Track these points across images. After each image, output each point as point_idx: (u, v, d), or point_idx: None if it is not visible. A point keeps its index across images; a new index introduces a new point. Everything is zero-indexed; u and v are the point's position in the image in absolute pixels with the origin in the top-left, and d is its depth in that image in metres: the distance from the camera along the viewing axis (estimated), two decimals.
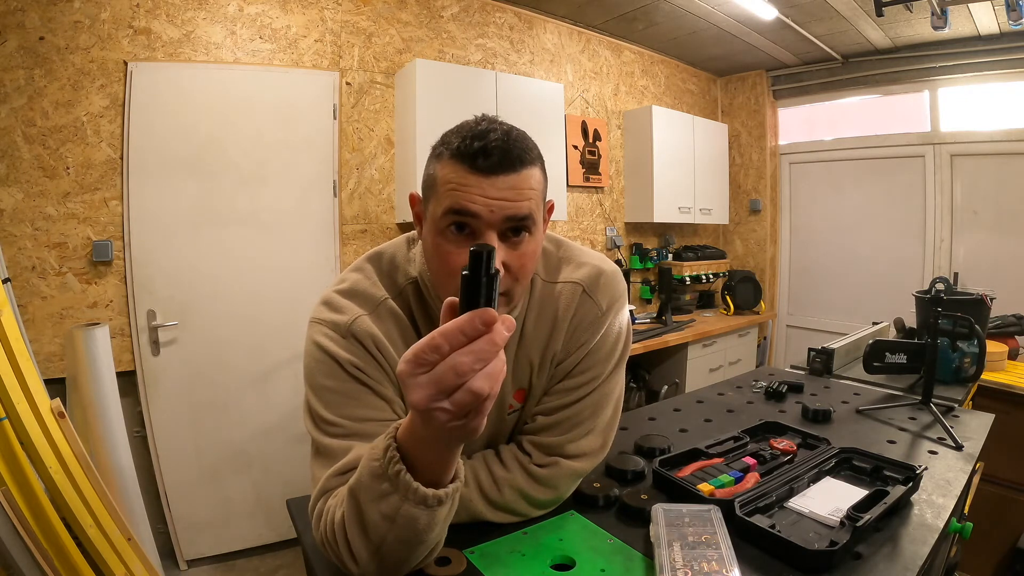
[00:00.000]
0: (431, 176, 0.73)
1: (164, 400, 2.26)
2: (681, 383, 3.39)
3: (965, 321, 1.51)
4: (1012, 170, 3.32)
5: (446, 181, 0.70)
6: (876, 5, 2.55)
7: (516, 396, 0.90)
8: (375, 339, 0.77)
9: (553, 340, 0.87)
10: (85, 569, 1.52)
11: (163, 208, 2.22)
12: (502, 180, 0.69)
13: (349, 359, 0.75)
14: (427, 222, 0.75)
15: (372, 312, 0.79)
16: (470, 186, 0.68)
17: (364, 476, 0.61)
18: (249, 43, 2.38)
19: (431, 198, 0.73)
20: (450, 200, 0.69)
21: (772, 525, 0.79)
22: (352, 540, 0.64)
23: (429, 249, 0.75)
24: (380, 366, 0.77)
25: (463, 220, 0.69)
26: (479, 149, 0.68)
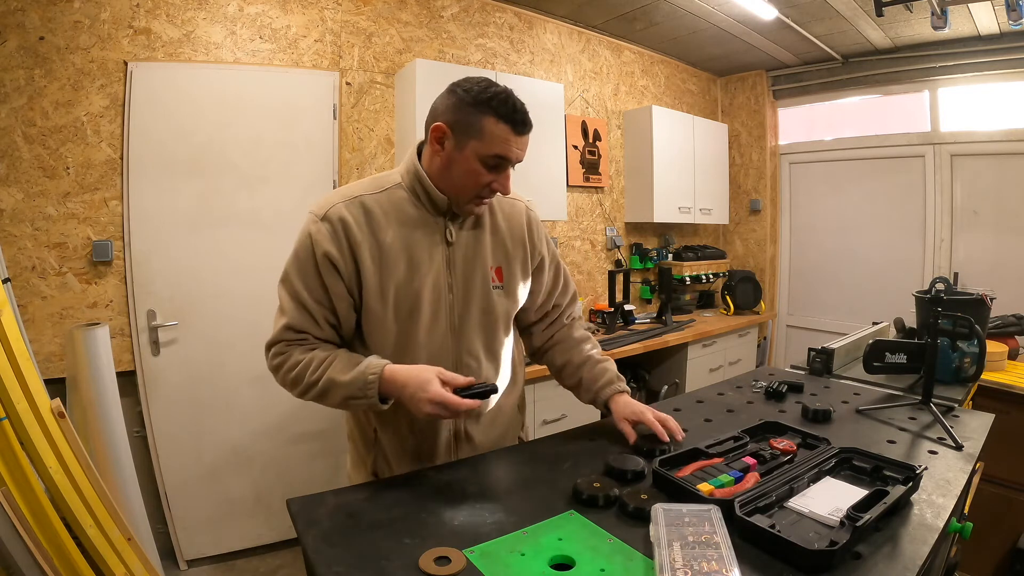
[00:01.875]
0: (475, 125, 1.01)
1: (164, 400, 2.26)
2: (681, 383, 3.39)
3: (965, 321, 1.51)
4: (1012, 170, 3.32)
5: (494, 135, 1.01)
6: (876, 5, 2.56)
7: (496, 272, 1.16)
8: (343, 220, 1.05)
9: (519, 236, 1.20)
10: (85, 569, 1.52)
11: (163, 208, 2.22)
12: (525, 139, 1.05)
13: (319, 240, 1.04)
14: (462, 153, 1.03)
15: (344, 203, 1.07)
16: (511, 142, 1.02)
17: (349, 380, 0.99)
18: (249, 43, 2.38)
19: (472, 138, 1.01)
20: (499, 149, 1.02)
21: (772, 525, 0.79)
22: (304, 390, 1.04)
23: (461, 170, 1.04)
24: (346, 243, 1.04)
25: (500, 161, 1.03)
26: (520, 120, 1.02)
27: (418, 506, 0.91)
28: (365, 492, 0.97)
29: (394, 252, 1.06)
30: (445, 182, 1.07)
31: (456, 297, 1.12)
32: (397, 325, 1.08)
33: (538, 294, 1.26)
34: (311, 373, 1.02)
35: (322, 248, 1.03)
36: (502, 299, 1.17)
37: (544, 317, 1.31)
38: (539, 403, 2.54)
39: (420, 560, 0.75)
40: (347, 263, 1.04)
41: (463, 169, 1.03)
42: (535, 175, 2.97)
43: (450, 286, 1.11)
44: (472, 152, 1.02)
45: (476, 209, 1.10)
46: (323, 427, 2.64)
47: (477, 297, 1.13)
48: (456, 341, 1.12)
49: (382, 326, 1.08)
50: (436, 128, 1.04)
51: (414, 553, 0.77)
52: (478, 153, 1.02)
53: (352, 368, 1.00)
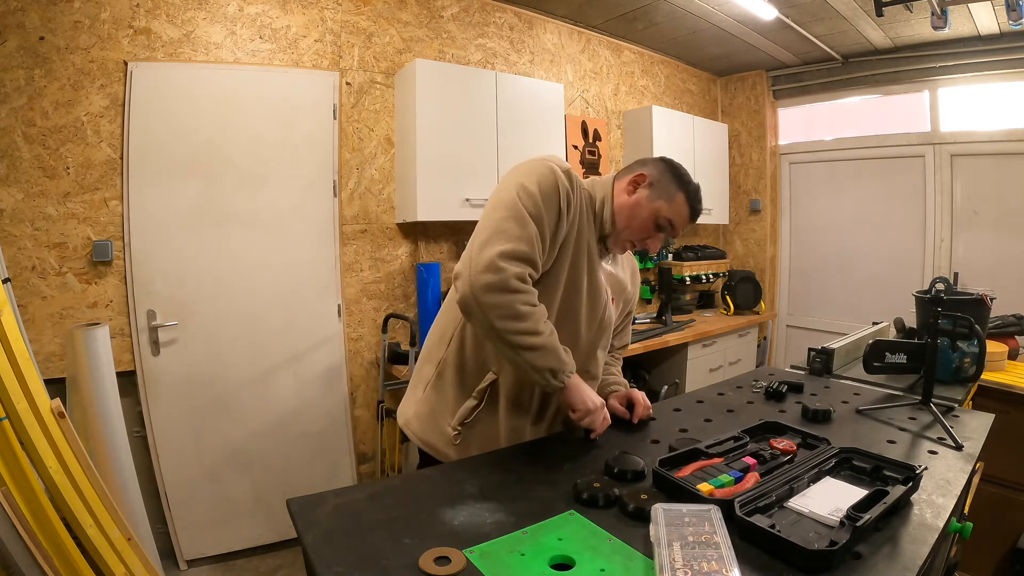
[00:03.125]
0: (669, 191, 1.23)
1: (164, 400, 2.26)
2: (681, 383, 3.39)
3: (965, 321, 1.51)
4: (1012, 170, 3.32)
5: (677, 208, 1.23)
6: (876, 5, 2.56)
7: (612, 302, 1.33)
8: (578, 181, 1.19)
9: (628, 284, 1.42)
10: (85, 569, 1.52)
11: (163, 208, 2.22)
12: (689, 225, 1.28)
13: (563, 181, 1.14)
14: (647, 203, 1.22)
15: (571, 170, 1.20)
16: (683, 219, 1.25)
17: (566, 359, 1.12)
18: (249, 43, 2.38)
19: (660, 197, 1.22)
20: (673, 217, 1.23)
21: (772, 525, 0.79)
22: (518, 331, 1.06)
23: (638, 217, 1.22)
24: (568, 198, 1.15)
25: (667, 227, 1.24)
26: (699, 211, 1.28)
27: (418, 506, 0.91)
28: (365, 492, 0.97)
29: (583, 237, 1.20)
30: (622, 218, 1.23)
31: (604, 299, 1.28)
32: (563, 299, 1.19)
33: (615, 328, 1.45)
34: (539, 323, 1.08)
35: (565, 187, 1.13)
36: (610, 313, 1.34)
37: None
38: None
39: (420, 560, 0.75)
40: (571, 214, 1.16)
41: (641, 217, 1.22)
42: None
43: (606, 290, 1.28)
44: (654, 208, 1.21)
45: (621, 250, 1.30)
46: (323, 427, 2.64)
47: (610, 308, 1.31)
48: (594, 334, 1.28)
49: (550, 293, 1.17)
50: (640, 176, 1.24)
51: (414, 553, 0.77)
52: (657, 212, 1.21)
53: (565, 353, 1.13)
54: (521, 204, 1.09)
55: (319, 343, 2.60)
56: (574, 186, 1.17)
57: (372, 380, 2.78)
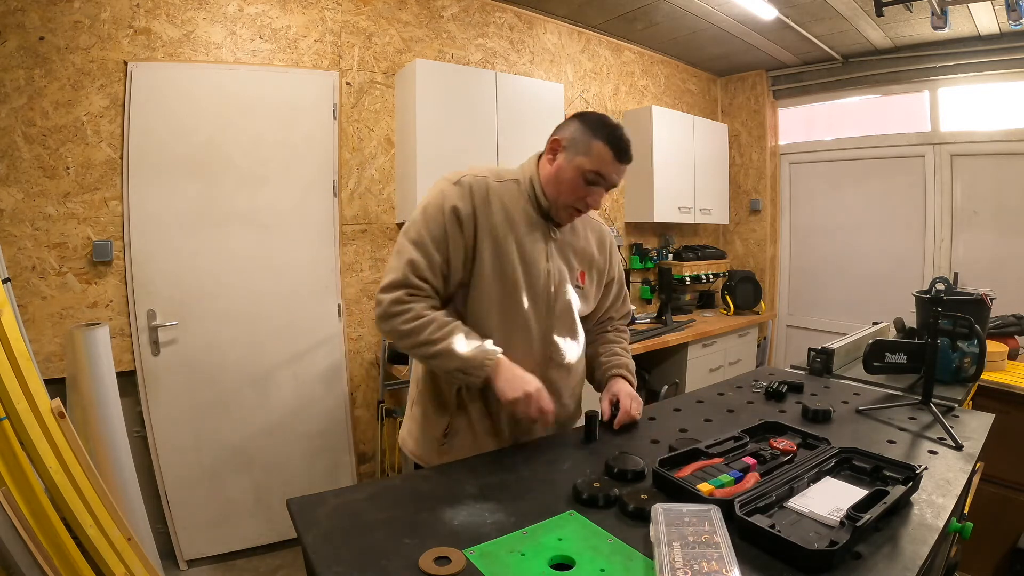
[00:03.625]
0: (585, 143, 1.18)
1: (164, 400, 2.26)
2: (681, 383, 3.39)
3: (965, 321, 1.51)
4: (1012, 170, 3.32)
5: (598, 156, 1.17)
6: (876, 5, 2.56)
7: (580, 276, 1.33)
8: (472, 187, 1.20)
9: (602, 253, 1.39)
10: (85, 569, 1.52)
11: (163, 208, 2.22)
12: (622, 168, 1.20)
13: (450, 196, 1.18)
14: (569, 165, 1.19)
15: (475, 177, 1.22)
16: (610, 165, 1.18)
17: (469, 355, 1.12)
18: (249, 43, 2.38)
19: (579, 153, 1.18)
20: (599, 167, 1.18)
21: (772, 525, 0.79)
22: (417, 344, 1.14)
23: (565, 180, 1.20)
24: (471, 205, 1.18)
25: (597, 179, 1.19)
26: (624, 148, 1.18)
27: (418, 506, 0.91)
28: (365, 492, 0.97)
29: (505, 233, 1.21)
30: (550, 187, 1.23)
31: (553, 284, 1.27)
32: (500, 297, 1.21)
33: (603, 307, 1.46)
34: (432, 332, 1.13)
35: (451, 202, 1.17)
36: (581, 298, 1.34)
37: (598, 323, 1.50)
38: None
39: (420, 560, 0.75)
40: (469, 222, 1.18)
41: (567, 179, 1.20)
42: None
43: (549, 273, 1.26)
44: (577, 166, 1.18)
45: (568, 218, 1.26)
46: (323, 427, 2.64)
47: (566, 290, 1.29)
48: (548, 321, 1.27)
49: (488, 295, 1.21)
50: (554, 141, 1.22)
51: (414, 553, 0.77)
52: (581, 168, 1.18)
53: (472, 346, 1.13)
54: (405, 237, 1.19)
55: (319, 343, 2.60)
56: (470, 192, 1.19)
57: (372, 380, 2.78)
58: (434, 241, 1.17)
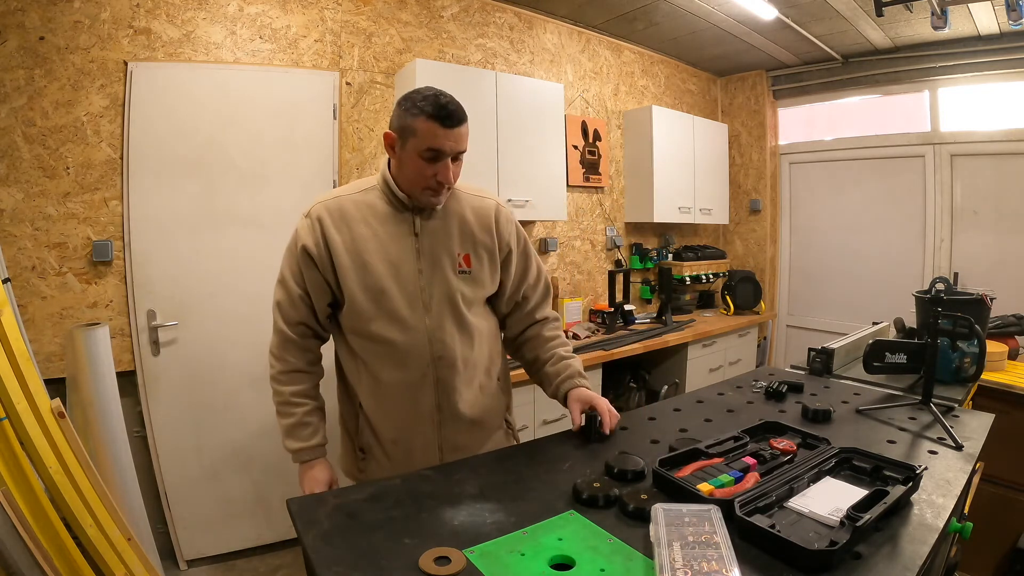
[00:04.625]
0: (410, 126, 1.15)
1: (164, 400, 2.26)
2: (681, 383, 3.39)
3: (965, 321, 1.51)
4: (1012, 170, 3.32)
5: (425, 131, 1.14)
6: (876, 5, 2.56)
7: (464, 259, 1.29)
8: (320, 218, 1.23)
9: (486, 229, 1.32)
10: (85, 569, 1.52)
11: (163, 208, 2.22)
12: (456, 131, 1.16)
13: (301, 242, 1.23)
14: (406, 152, 1.18)
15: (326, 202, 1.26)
16: (439, 135, 1.14)
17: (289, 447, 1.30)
18: (249, 43, 2.38)
19: (412, 136, 1.15)
20: (430, 142, 1.14)
21: (772, 525, 0.79)
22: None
23: (409, 167, 1.19)
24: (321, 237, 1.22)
25: (435, 154, 1.16)
26: (445, 115, 1.13)
27: (418, 506, 0.91)
28: (365, 492, 0.97)
29: (367, 243, 1.22)
30: (402, 180, 1.23)
31: (425, 279, 1.25)
32: (373, 306, 1.22)
33: (507, 284, 1.38)
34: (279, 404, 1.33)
35: (301, 242, 1.23)
36: (469, 283, 1.30)
37: (515, 309, 1.42)
38: (539, 403, 2.54)
39: (420, 560, 0.75)
40: (321, 254, 1.22)
41: (409, 166, 1.19)
42: (535, 175, 2.97)
43: (420, 271, 1.25)
44: (412, 150, 1.17)
45: (432, 199, 1.22)
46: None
47: (445, 280, 1.26)
48: (429, 319, 1.25)
49: (361, 308, 1.22)
50: (386, 136, 1.21)
51: (414, 553, 0.77)
52: (417, 150, 1.16)
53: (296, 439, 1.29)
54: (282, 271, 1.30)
55: None
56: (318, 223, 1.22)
57: None
58: (293, 277, 1.26)
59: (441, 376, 1.25)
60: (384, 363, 1.24)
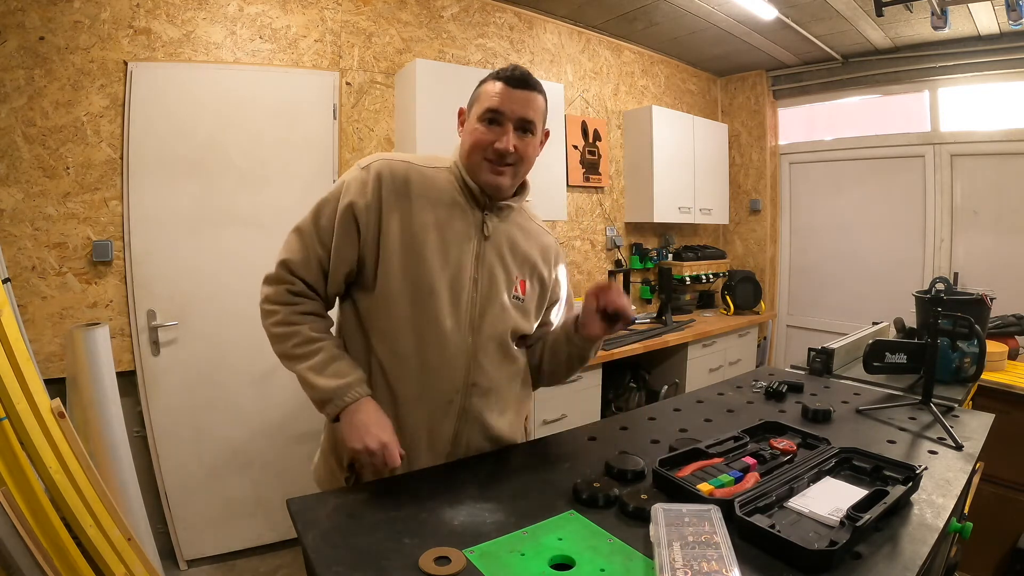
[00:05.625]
0: (477, 92, 1.08)
1: (164, 400, 2.26)
2: (681, 383, 3.39)
3: (965, 321, 1.51)
4: (1012, 170, 3.32)
5: (487, 92, 1.05)
6: (876, 5, 2.56)
7: (520, 284, 1.14)
8: (381, 175, 1.04)
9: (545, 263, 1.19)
10: (85, 569, 1.52)
11: (163, 208, 2.22)
12: (520, 93, 1.04)
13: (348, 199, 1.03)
14: (469, 121, 1.07)
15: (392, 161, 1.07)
16: (502, 95, 1.03)
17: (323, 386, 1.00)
18: (249, 43, 2.38)
19: (474, 105, 1.07)
20: (489, 102, 1.04)
21: (772, 525, 0.79)
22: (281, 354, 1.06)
23: (468, 136, 1.06)
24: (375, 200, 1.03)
25: (494, 116, 1.04)
26: (511, 74, 1.04)
27: (418, 506, 0.91)
28: (365, 492, 0.97)
29: (425, 229, 1.04)
30: (463, 155, 1.08)
31: (480, 293, 1.07)
32: (412, 308, 1.03)
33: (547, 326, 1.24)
34: (293, 346, 1.03)
35: (348, 197, 1.03)
36: (519, 313, 1.13)
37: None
38: (539, 403, 2.54)
39: (420, 560, 0.75)
40: (369, 220, 1.02)
41: (468, 134, 1.07)
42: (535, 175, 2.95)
43: (475, 281, 1.07)
44: (474, 117, 1.06)
45: (492, 177, 1.05)
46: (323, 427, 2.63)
47: (499, 299, 1.09)
48: (474, 338, 1.07)
49: (397, 309, 1.03)
50: (460, 112, 1.11)
51: (414, 553, 0.77)
52: (477, 115, 1.05)
53: (330, 376, 1.00)
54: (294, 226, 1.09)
55: None
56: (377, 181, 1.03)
57: None
58: (320, 235, 1.04)
59: (469, 405, 1.09)
60: (407, 378, 1.05)
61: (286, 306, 1.05)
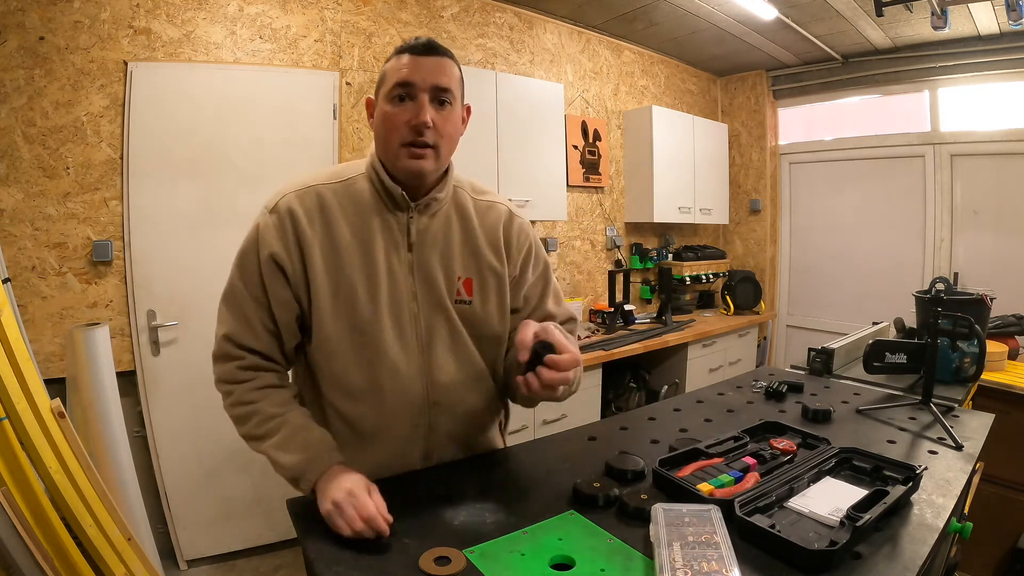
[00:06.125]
0: (381, 74, 0.96)
1: (164, 400, 2.26)
2: (681, 383, 3.39)
3: (965, 321, 1.51)
4: (1012, 170, 3.32)
5: (392, 67, 0.93)
6: (876, 5, 2.56)
7: (465, 284, 1.00)
8: (292, 212, 0.94)
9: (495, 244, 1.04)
10: (85, 569, 1.52)
11: (163, 208, 2.22)
12: (429, 60, 0.93)
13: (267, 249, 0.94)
14: (376, 108, 0.96)
15: (297, 193, 0.97)
16: (408, 65, 0.92)
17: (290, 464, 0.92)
18: (249, 43, 2.38)
19: (381, 87, 0.95)
20: (396, 76, 0.92)
21: (772, 525, 0.79)
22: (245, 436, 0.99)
23: (378, 123, 0.96)
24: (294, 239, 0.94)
25: (404, 91, 0.92)
26: (414, 43, 0.94)
27: (418, 506, 0.91)
28: None
29: (350, 252, 0.94)
30: (380, 152, 0.97)
31: (421, 306, 0.97)
32: (354, 343, 0.95)
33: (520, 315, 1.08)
34: (254, 426, 0.95)
35: (268, 248, 0.93)
36: (469, 316, 1.01)
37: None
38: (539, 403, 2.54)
39: (420, 560, 0.75)
40: (294, 264, 0.93)
41: (380, 119, 0.95)
42: (535, 175, 2.98)
43: (414, 294, 0.97)
44: (382, 99, 0.95)
45: (413, 161, 0.92)
46: None
47: (444, 308, 0.98)
48: (426, 359, 0.98)
49: (337, 346, 0.95)
50: (367, 104, 0.99)
51: (414, 553, 0.77)
52: (385, 95, 0.94)
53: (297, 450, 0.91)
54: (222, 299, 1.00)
55: None
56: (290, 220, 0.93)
57: None
58: (251, 292, 0.95)
59: (436, 425, 1.01)
60: (366, 415, 0.98)
61: (239, 384, 0.96)
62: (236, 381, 0.97)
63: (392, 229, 0.98)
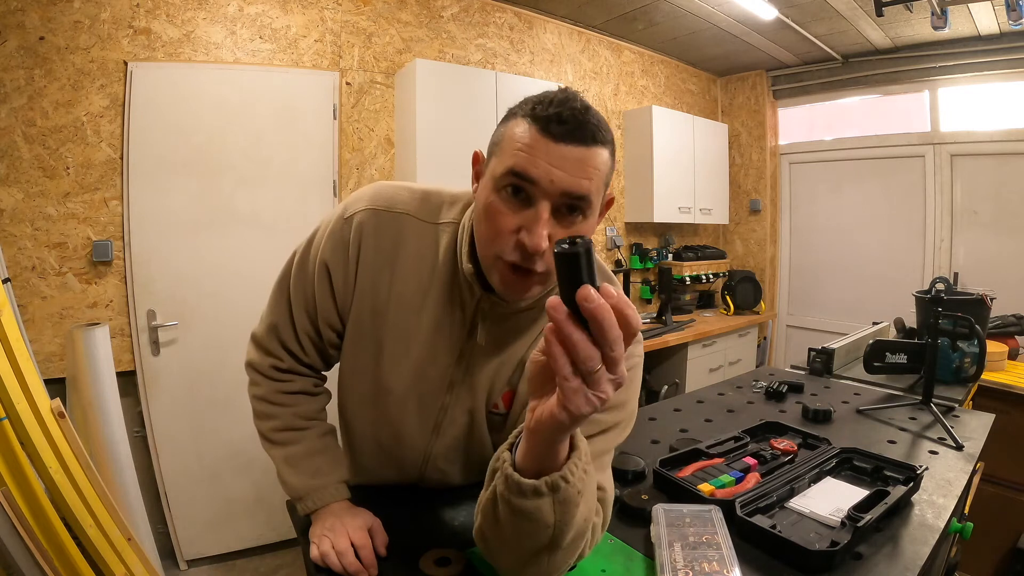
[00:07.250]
0: (500, 134, 0.71)
1: (164, 400, 2.26)
2: (681, 383, 3.39)
3: (965, 321, 1.51)
4: (1012, 170, 3.32)
5: (513, 140, 0.67)
6: (876, 5, 2.55)
7: (504, 397, 0.85)
8: (363, 227, 0.81)
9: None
10: (85, 569, 1.52)
11: (163, 208, 2.22)
12: (569, 150, 0.64)
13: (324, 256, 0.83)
14: (485, 179, 0.72)
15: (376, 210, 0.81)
16: (535, 149, 0.64)
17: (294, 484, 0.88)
18: (249, 43, 2.37)
19: (495, 155, 0.70)
20: (513, 160, 0.66)
21: (773, 525, 0.79)
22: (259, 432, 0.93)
23: (480, 208, 0.71)
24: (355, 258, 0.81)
25: (521, 184, 0.66)
26: (554, 115, 0.64)
27: (418, 506, 0.91)
28: (365, 493, 0.97)
29: (404, 306, 0.81)
30: (478, 237, 0.74)
31: (453, 399, 0.85)
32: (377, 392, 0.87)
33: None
34: (272, 430, 0.91)
35: (323, 255, 0.83)
36: (497, 425, 0.88)
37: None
38: None
39: (420, 560, 0.75)
40: (346, 286, 0.83)
41: (483, 204, 0.70)
42: None
43: (451, 385, 0.84)
44: (490, 176, 0.70)
45: (509, 292, 0.72)
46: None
47: (475, 412, 0.86)
48: (434, 441, 0.89)
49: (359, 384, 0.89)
50: (475, 159, 0.77)
51: (414, 553, 0.77)
52: (494, 175, 0.69)
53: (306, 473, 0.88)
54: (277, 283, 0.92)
55: None
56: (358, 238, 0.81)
57: None
58: (304, 288, 0.87)
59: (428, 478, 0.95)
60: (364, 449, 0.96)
61: (271, 381, 0.91)
62: (268, 377, 0.91)
63: (455, 311, 0.81)
